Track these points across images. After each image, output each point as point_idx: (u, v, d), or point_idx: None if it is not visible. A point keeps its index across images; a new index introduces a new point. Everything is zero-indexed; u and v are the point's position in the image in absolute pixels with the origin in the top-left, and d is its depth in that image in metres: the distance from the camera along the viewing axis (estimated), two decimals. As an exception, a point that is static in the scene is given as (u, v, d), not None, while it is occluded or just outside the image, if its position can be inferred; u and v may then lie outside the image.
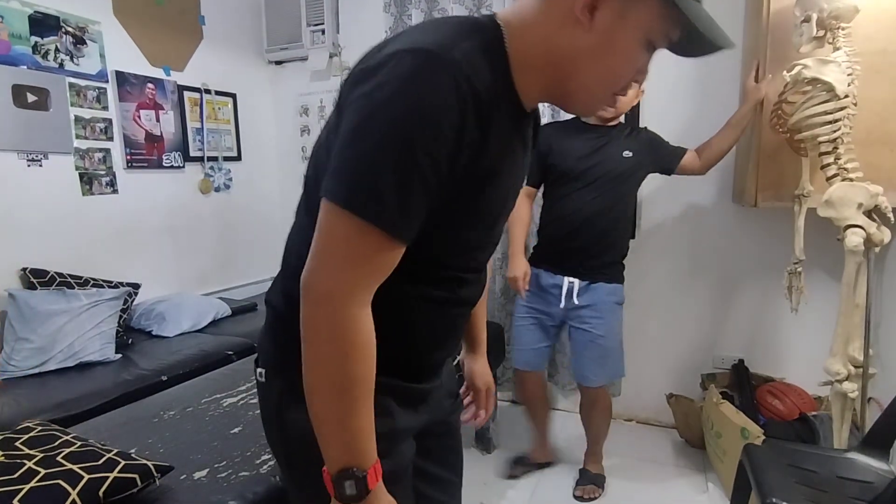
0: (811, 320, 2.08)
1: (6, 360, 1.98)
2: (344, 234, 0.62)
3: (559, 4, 0.65)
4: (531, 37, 0.68)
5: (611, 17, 0.64)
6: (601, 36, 0.65)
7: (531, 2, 0.68)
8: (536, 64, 0.69)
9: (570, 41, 0.66)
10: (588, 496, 2.08)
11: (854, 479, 1.41)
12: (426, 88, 0.59)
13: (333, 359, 0.64)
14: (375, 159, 0.60)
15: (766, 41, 1.94)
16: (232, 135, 3.12)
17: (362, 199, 0.61)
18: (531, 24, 0.68)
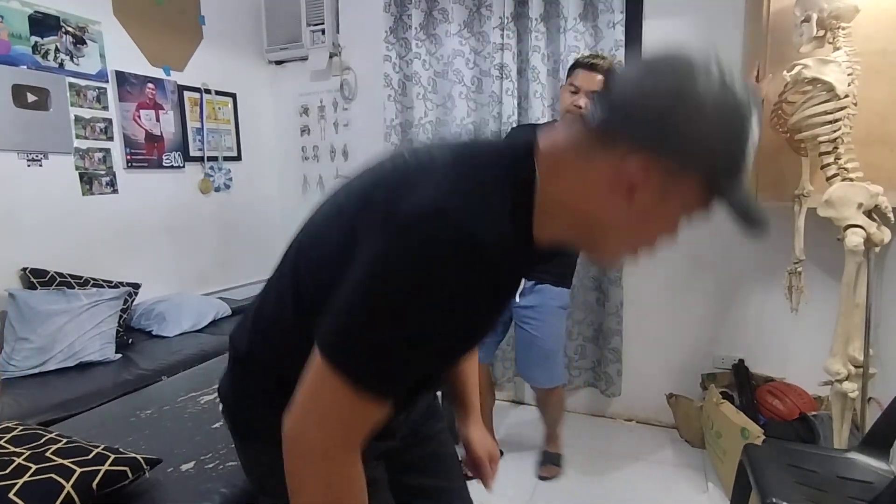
0: (811, 320, 2.08)
1: (6, 360, 1.98)
2: (340, 396, 0.60)
3: (601, 174, 0.61)
4: (565, 189, 0.63)
5: (651, 197, 0.60)
6: (639, 213, 0.61)
7: (566, 152, 0.64)
8: (564, 216, 0.65)
9: (606, 211, 0.63)
10: (551, 475, 2.19)
11: (854, 478, 1.41)
12: (453, 278, 0.57)
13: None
14: (384, 333, 0.59)
15: (767, 41, 1.94)
16: (232, 135, 3.12)
17: (364, 368, 0.60)
18: (566, 177, 0.63)
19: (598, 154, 0.61)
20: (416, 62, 2.74)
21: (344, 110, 3.16)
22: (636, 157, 0.58)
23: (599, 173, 0.61)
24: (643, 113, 0.58)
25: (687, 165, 0.58)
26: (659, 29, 2.39)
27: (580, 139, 0.63)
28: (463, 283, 0.57)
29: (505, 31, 2.52)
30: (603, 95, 0.62)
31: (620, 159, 0.59)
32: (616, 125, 0.59)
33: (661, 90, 0.57)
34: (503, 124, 2.55)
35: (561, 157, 0.64)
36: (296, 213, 3.40)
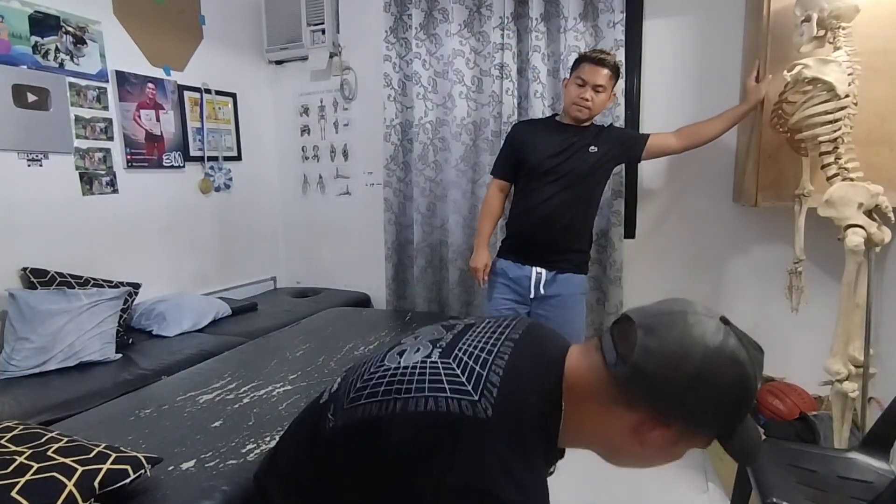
0: (811, 320, 2.08)
1: (7, 360, 1.98)
2: None
3: (615, 418, 0.71)
4: (585, 419, 0.73)
5: (662, 443, 0.70)
6: (651, 452, 0.72)
7: (588, 388, 0.73)
8: (583, 439, 0.76)
9: (619, 444, 0.73)
10: None
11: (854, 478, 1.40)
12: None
13: None
14: None
15: (767, 41, 1.94)
16: (232, 134, 3.12)
17: None
18: (587, 410, 0.73)
19: (620, 409, 0.70)
20: (416, 62, 2.74)
21: (344, 110, 3.16)
22: (656, 422, 0.68)
23: (619, 422, 0.71)
24: (665, 392, 0.66)
25: (700, 429, 0.69)
26: (659, 29, 2.39)
27: (603, 387, 0.71)
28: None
29: (505, 31, 2.52)
30: (624, 350, 0.69)
31: (640, 420, 0.69)
32: (638, 394, 0.68)
33: (683, 373, 0.65)
34: (503, 124, 2.55)
35: (585, 396, 0.73)
36: (296, 213, 3.43)
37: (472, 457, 0.69)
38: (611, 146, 2.06)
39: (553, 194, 2.01)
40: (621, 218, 2.47)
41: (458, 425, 0.71)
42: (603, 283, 2.53)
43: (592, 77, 1.94)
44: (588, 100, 1.96)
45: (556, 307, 2.07)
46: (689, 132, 2.09)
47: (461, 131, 2.71)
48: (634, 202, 2.53)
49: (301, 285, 3.42)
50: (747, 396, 0.67)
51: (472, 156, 2.73)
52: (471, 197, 2.76)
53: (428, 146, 2.78)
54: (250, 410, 1.57)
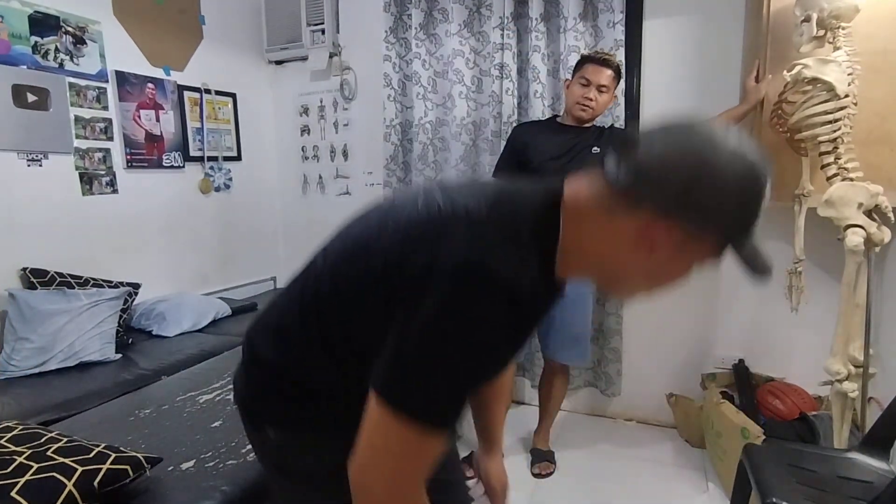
0: (811, 320, 2.08)
1: (7, 360, 1.98)
2: (409, 441, 0.65)
3: (617, 229, 0.67)
4: (585, 240, 0.70)
5: (668, 252, 0.66)
6: (657, 265, 0.68)
7: (588, 203, 0.69)
8: (583, 263, 0.72)
9: (623, 262, 0.69)
10: (545, 472, 2.21)
11: (854, 478, 1.41)
12: (500, 318, 0.64)
13: None
14: (447, 377, 0.64)
15: (767, 41, 1.94)
16: (232, 135, 3.12)
17: (431, 407, 0.65)
18: (587, 228, 0.69)
19: (622, 214, 0.66)
20: (416, 62, 2.74)
21: (344, 110, 3.16)
22: (660, 221, 0.63)
23: (622, 230, 0.66)
24: (668, 184, 0.62)
25: (707, 229, 0.65)
26: (659, 29, 2.39)
27: (604, 197, 0.67)
28: (505, 323, 0.65)
29: (505, 31, 2.52)
30: (625, 157, 0.66)
31: (644, 222, 0.64)
32: (641, 192, 0.64)
33: (686, 164, 0.62)
34: (503, 124, 2.55)
35: (585, 210, 0.69)
36: (296, 213, 3.43)
37: (463, 239, 0.66)
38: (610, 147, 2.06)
39: None
40: (621, 218, 2.47)
41: (449, 220, 0.69)
42: (603, 283, 2.53)
43: (596, 77, 1.96)
44: (592, 99, 1.98)
45: (566, 306, 2.09)
46: None
47: (461, 131, 2.71)
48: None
49: (301, 285, 3.41)
50: (758, 189, 0.63)
51: (472, 156, 2.73)
52: (471, 197, 2.75)
53: (428, 146, 2.78)
54: (250, 410, 1.57)
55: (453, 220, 0.69)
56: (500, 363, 0.69)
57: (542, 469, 2.22)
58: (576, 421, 2.69)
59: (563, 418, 2.63)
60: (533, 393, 2.63)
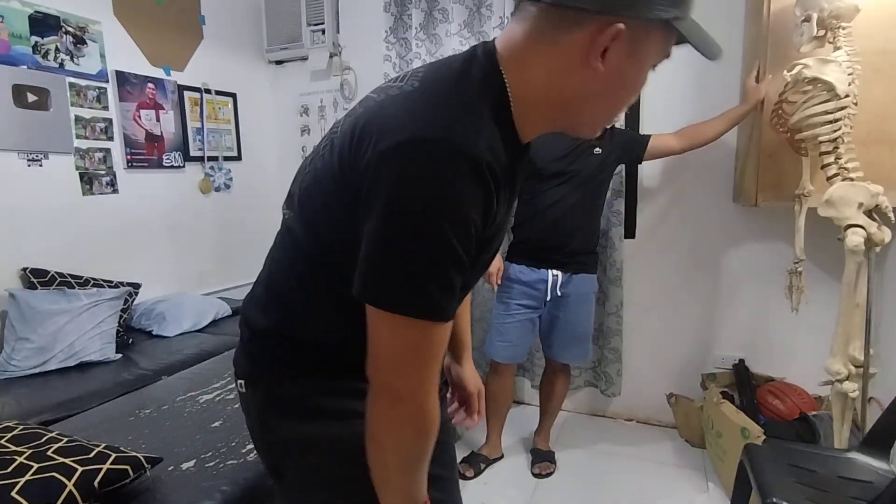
0: (811, 320, 2.08)
1: (7, 360, 1.98)
2: (409, 337, 0.65)
3: (565, 52, 0.64)
4: (535, 81, 0.67)
5: (619, 57, 0.64)
6: (611, 76, 0.65)
7: (528, 44, 0.66)
8: (540, 108, 0.69)
9: (579, 85, 0.66)
10: (545, 472, 2.22)
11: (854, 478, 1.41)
12: (456, 185, 0.60)
13: (416, 444, 0.70)
14: (420, 262, 0.62)
15: (767, 41, 1.94)
16: (232, 135, 3.12)
17: (417, 302, 0.63)
18: (534, 68, 0.66)
19: (563, 35, 0.63)
20: (417, 62, 2.74)
21: (344, 110, 3.15)
22: (602, 25, 0.61)
23: (570, 53, 0.64)
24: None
25: (650, 14, 0.62)
26: (659, 29, 2.39)
27: (542, 29, 0.64)
28: (471, 194, 0.61)
29: (505, 31, 2.52)
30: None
31: (589, 32, 0.62)
32: (578, 2, 0.61)
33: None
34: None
35: (525, 52, 0.66)
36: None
37: (401, 115, 0.63)
38: (613, 148, 2.09)
39: (561, 197, 2.04)
40: (621, 218, 2.48)
41: (383, 103, 0.67)
42: (603, 283, 2.53)
43: None
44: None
45: (570, 307, 2.13)
46: (690, 133, 2.10)
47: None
48: (634, 202, 2.53)
49: (301, 285, 3.41)
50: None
51: (472, 156, 2.73)
52: (471, 197, 2.75)
53: (428, 146, 2.78)
54: (250, 410, 1.57)
55: (388, 102, 0.67)
56: (473, 236, 0.63)
57: (543, 469, 2.22)
58: (576, 421, 2.69)
59: (564, 418, 2.63)
60: (533, 393, 2.63)
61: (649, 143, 2.11)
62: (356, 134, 0.67)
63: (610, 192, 2.36)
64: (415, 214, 0.60)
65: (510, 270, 2.14)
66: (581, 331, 2.18)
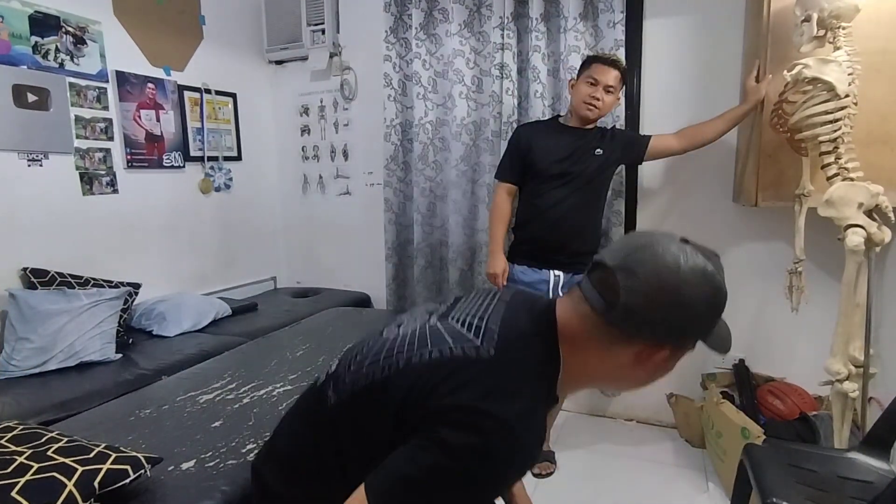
0: (812, 320, 2.08)
1: (7, 360, 1.98)
2: None
3: (617, 355, 0.77)
4: (585, 366, 0.80)
5: (660, 365, 0.77)
6: (650, 371, 0.79)
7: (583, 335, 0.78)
8: (585, 381, 0.85)
9: (624, 377, 0.81)
10: (545, 472, 2.22)
11: (854, 478, 1.40)
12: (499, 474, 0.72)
13: None
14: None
15: (767, 41, 1.94)
16: (232, 135, 3.12)
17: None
18: (586, 355, 0.79)
19: (619, 347, 0.76)
20: (417, 62, 2.74)
21: (344, 110, 3.16)
22: (653, 348, 0.75)
23: (620, 357, 0.77)
24: (657, 322, 0.73)
25: (690, 340, 0.77)
26: (659, 28, 2.39)
27: (598, 331, 0.76)
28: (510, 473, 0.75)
29: (505, 31, 2.52)
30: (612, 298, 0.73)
31: (639, 351, 0.75)
32: (634, 329, 0.74)
33: (667, 300, 0.71)
34: (503, 124, 2.55)
35: (581, 342, 0.79)
36: (296, 213, 3.43)
37: (473, 382, 0.72)
38: (614, 149, 2.09)
39: (563, 198, 2.04)
40: (621, 218, 2.47)
41: (460, 362, 0.75)
42: (603, 283, 2.53)
43: (604, 77, 1.98)
44: (599, 99, 2.00)
45: None
46: (690, 133, 2.10)
47: (461, 131, 2.71)
48: (634, 202, 2.53)
49: (301, 285, 3.42)
50: (721, 300, 0.75)
51: (473, 156, 2.73)
52: (471, 197, 2.75)
53: (428, 146, 2.78)
54: (250, 410, 1.57)
55: (465, 361, 0.76)
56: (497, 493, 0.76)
57: (543, 469, 2.22)
58: (576, 421, 2.69)
59: (564, 418, 2.63)
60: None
61: (650, 143, 2.11)
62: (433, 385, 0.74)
63: (610, 192, 2.36)
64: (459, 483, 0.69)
65: (512, 271, 2.14)
66: None
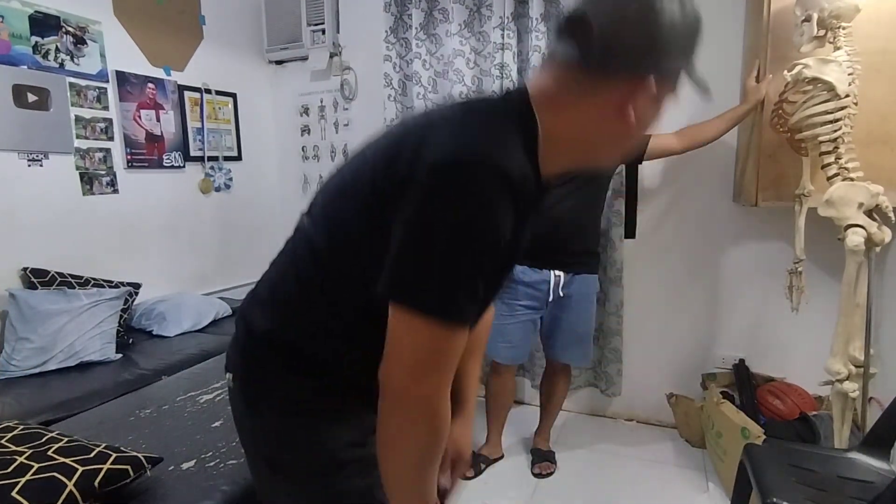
0: (812, 320, 2.08)
1: (7, 360, 1.98)
2: (431, 341, 0.66)
3: (600, 103, 0.70)
4: (567, 125, 0.73)
5: (646, 105, 0.71)
6: (637, 121, 0.71)
7: (561, 90, 0.72)
8: (567, 148, 0.75)
9: (609, 130, 0.73)
10: (545, 472, 2.22)
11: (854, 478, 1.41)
12: (494, 203, 0.65)
13: (429, 445, 0.71)
14: (452, 269, 0.65)
15: (767, 41, 1.94)
16: (232, 134, 3.12)
17: (446, 306, 0.65)
18: (567, 113, 0.72)
19: (601, 90, 0.70)
20: (417, 62, 2.74)
21: (344, 110, 3.16)
22: (638, 81, 0.68)
23: (604, 104, 0.70)
24: (636, 47, 0.67)
25: (672, 67, 0.71)
26: (659, 29, 2.39)
27: (575, 81, 0.71)
28: (505, 210, 0.65)
29: (505, 31, 2.52)
30: (580, 36, 0.68)
31: (624, 88, 0.69)
32: (613, 64, 0.68)
33: (640, 20, 0.66)
34: (503, 124, 2.55)
35: (558, 98, 0.72)
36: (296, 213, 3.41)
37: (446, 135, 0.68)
38: None
39: (563, 198, 2.03)
40: (621, 218, 2.47)
41: (426, 125, 0.72)
42: (603, 282, 2.53)
43: None
44: None
45: (572, 307, 2.13)
46: (690, 133, 2.10)
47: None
48: (634, 202, 2.53)
49: (301, 285, 3.41)
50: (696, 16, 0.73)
51: (473, 156, 2.73)
52: (471, 197, 2.75)
53: (428, 146, 2.78)
54: (250, 410, 1.57)
55: (431, 124, 0.72)
56: (502, 251, 0.67)
57: (543, 469, 2.22)
58: (576, 421, 2.69)
59: (564, 418, 2.63)
60: (534, 393, 2.63)
61: (649, 143, 2.11)
62: (400, 149, 0.71)
63: (610, 192, 2.36)
64: (454, 226, 0.64)
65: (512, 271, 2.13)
66: (583, 331, 2.18)
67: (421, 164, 0.66)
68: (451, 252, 0.64)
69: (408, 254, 0.66)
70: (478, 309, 0.70)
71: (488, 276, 0.68)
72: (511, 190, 0.65)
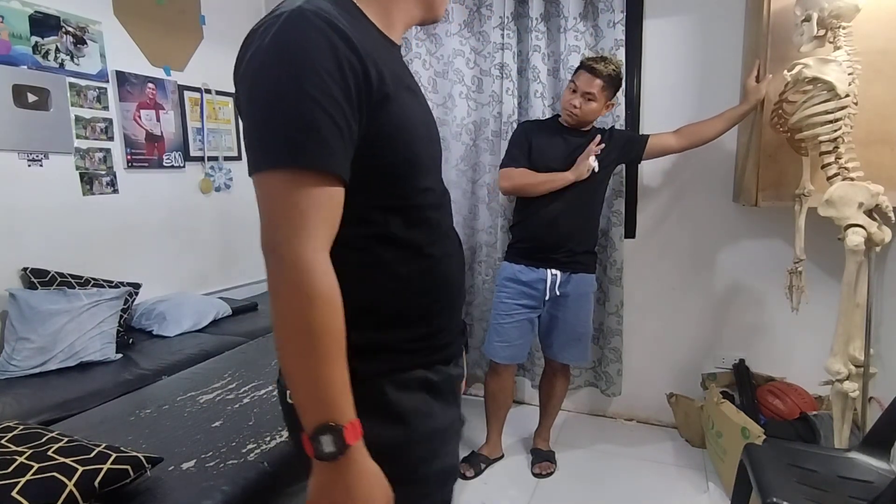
0: (812, 320, 2.08)
1: (7, 360, 1.98)
2: (277, 190, 0.64)
3: None
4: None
5: None
6: None
7: None
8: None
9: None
10: (545, 472, 2.23)
11: (855, 478, 1.41)
12: (294, 36, 0.65)
13: (296, 311, 0.64)
14: (275, 114, 0.64)
15: (767, 41, 1.94)
16: (232, 134, 3.12)
17: (277, 152, 0.64)
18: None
19: None
20: (417, 62, 2.74)
21: (344, 110, 3.16)
22: None
23: None
24: None
25: None
26: (659, 28, 2.39)
27: None
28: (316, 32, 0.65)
29: (505, 31, 2.52)
30: None
31: None
32: None
33: None
34: (503, 124, 2.55)
35: None
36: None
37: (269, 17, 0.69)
38: (612, 149, 2.10)
39: (559, 197, 2.05)
40: (621, 218, 2.48)
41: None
42: (603, 282, 2.54)
43: (584, 85, 2.00)
44: (576, 106, 2.02)
45: (569, 306, 2.13)
46: (689, 132, 2.10)
47: (461, 131, 2.71)
48: (634, 202, 2.53)
49: (301, 285, 3.41)
50: None
51: (473, 156, 2.73)
52: (471, 197, 2.76)
53: (428, 146, 2.78)
54: (251, 410, 1.57)
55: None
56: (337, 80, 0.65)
57: (543, 469, 2.22)
58: (576, 421, 2.69)
59: (564, 418, 2.63)
60: (533, 393, 2.63)
61: (648, 142, 2.12)
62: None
63: (610, 191, 2.36)
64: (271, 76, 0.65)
65: (508, 270, 2.15)
66: (580, 331, 2.18)
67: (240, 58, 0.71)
68: (276, 98, 0.64)
69: (247, 129, 0.68)
70: (331, 151, 0.65)
71: (335, 107, 0.64)
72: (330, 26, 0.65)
